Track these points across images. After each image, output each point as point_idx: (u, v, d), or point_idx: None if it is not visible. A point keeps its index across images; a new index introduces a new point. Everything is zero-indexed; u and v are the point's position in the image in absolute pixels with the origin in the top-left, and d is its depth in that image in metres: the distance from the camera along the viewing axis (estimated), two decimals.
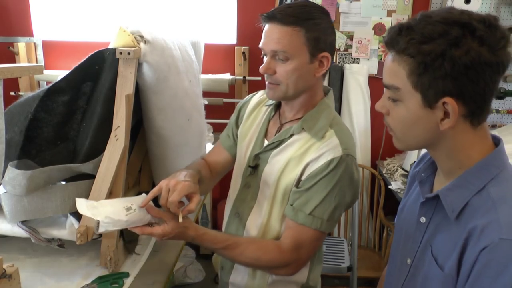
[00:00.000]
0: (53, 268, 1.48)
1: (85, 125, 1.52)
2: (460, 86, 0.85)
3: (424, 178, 1.08)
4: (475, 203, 0.90)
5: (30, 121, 1.46)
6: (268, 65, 1.27)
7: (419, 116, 0.91)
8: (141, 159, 1.87)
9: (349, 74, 2.93)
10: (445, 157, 0.96)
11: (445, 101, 0.87)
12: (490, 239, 0.82)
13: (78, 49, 3.08)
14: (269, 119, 1.44)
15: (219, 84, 2.88)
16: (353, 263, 2.35)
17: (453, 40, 0.83)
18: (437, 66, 0.84)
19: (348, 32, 2.96)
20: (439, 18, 0.86)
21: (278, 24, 1.23)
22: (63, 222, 1.49)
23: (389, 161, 2.97)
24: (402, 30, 0.89)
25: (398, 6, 2.89)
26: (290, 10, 1.24)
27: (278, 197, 1.34)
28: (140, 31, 1.52)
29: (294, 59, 1.24)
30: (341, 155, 1.25)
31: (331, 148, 1.27)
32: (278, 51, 1.24)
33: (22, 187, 1.36)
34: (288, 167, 1.32)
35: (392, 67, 0.92)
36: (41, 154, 1.47)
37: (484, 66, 0.83)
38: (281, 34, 1.23)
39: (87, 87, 1.53)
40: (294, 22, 1.22)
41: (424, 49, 0.85)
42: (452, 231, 0.93)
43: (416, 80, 0.88)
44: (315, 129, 1.31)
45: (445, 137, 0.92)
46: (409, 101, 0.91)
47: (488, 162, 0.91)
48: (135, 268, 1.50)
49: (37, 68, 1.42)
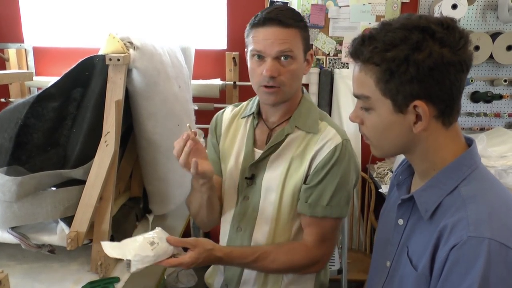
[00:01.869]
0: (44, 274, 1.48)
1: (75, 131, 1.52)
2: (427, 88, 0.87)
3: (401, 180, 1.11)
4: (447, 203, 0.92)
5: (20, 127, 1.46)
6: (273, 67, 1.26)
7: (392, 121, 0.93)
8: (132, 164, 1.87)
9: (339, 79, 2.95)
10: (420, 159, 0.98)
11: (415, 105, 0.88)
12: (459, 237, 0.84)
13: (69, 55, 3.08)
14: (253, 128, 1.43)
15: (210, 90, 2.89)
16: (343, 266, 2.36)
17: (414, 45, 0.85)
18: (402, 71, 0.86)
19: (338, 37, 2.99)
20: (399, 24, 0.88)
21: (280, 26, 1.25)
22: (53, 227, 1.49)
23: (379, 165, 2.99)
24: (365, 40, 0.91)
25: (387, 12, 2.92)
26: (286, 12, 1.27)
27: (286, 199, 1.35)
28: (129, 38, 1.53)
29: (296, 59, 1.28)
30: (341, 141, 1.32)
31: (330, 137, 1.32)
32: (285, 52, 1.25)
33: (12, 193, 1.36)
34: (293, 167, 1.34)
35: (359, 77, 0.94)
36: (31, 160, 1.47)
37: (447, 66, 0.86)
38: (285, 35, 1.25)
39: (77, 93, 1.54)
40: (293, 24, 1.26)
41: (387, 56, 0.87)
42: (425, 231, 0.95)
43: (384, 87, 0.90)
44: (307, 124, 1.35)
45: (420, 140, 0.94)
46: (381, 109, 0.93)
47: (460, 163, 0.93)
48: (126, 273, 1.50)
49: (27, 74, 1.43)
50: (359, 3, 2.93)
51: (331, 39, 2.99)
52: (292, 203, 1.35)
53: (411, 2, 2.90)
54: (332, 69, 3.01)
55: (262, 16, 1.26)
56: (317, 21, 2.95)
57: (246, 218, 1.41)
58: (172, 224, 1.94)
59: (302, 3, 2.93)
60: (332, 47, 3.00)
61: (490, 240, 0.81)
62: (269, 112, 1.40)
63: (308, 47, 1.34)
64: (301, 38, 1.29)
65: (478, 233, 0.82)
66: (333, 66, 3.03)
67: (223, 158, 1.48)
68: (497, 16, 2.85)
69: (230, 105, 1.55)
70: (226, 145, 1.47)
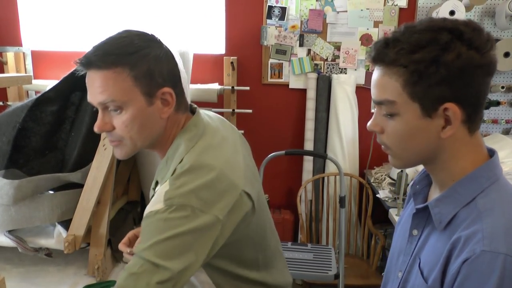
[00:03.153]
0: (40, 278, 1.47)
1: (73, 134, 1.53)
2: (456, 91, 0.84)
3: (418, 189, 1.06)
4: (463, 215, 0.88)
5: (18, 130, 1.46)
6: (102, 121, 1.02)
7: (419, 127, 0.88)
8: (130, 168, 1.87)
9: (337, 84, 2.96)
10: (440, 169, 0.93)
11: (446, 107, 0.85)
12: (472, 251, 0.80)
13: (67, 59, 3.06)
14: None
15: (208, 94, 2.90)
16: (340, 271, 2.36)
17: (444, 45, 0.82)
18: (431, 72, 0.83)
19: (335, 42, 3.00)
20: (424, 26, 0.86)
21: (97, 70, 0.99)
22: (50, 231, 1.49)
23: (377, 170, 2.99)
24: (389, 43, 0.87)
25: (385, 17, 2.93)
26: (107, 47, 1.01)
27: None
28: None
29: (130, 107, 1.01)
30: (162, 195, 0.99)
31: (159, 189, 1.04)
32: (106, 103, 1.00)
33: (9, 196, 1.36)
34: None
35: (382, 81, 0.89)
36: (29, 164, 1.47)
37: (475, 68, 0.83)
38: (102, 81, 0.99)
39: (75, 97, 1.55)
40: (113, 63, 0.98)
41: (415, 57, 0.84)
42: (438, 243, 0.91)
43: (412, 90, 0.86)
44: (165, 177, 1.07)
45: (444, 148, 0.90)
46: (407, 113, 0.88)
47: (479, 174, 0.89)
48: None
49: (26, 78, 1.43)
50: (357, 9, 2.94)
51: (329, 44, 3.00)
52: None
53: (409, 8, 2.91)
54: (330, 74, 3.02)
55: (81, 58, 1.02)
56: (315, 26, 2.96)
57: None
58: None
59: (300, 8, 2.94)
60: (330, 52, 3.01)
61: (506, 256, 0.78)
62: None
63: (159, 84, 1.03)
64: (130, 78, 0.99)
65: (493, 248, 0.79)
66: (331, 71, 3.03)
67: None
68: (494, 23, 2.87)
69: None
70: None
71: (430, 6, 2.88)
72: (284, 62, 3.01)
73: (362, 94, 3.04)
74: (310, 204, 3.08)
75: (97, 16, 3.05)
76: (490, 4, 2.84)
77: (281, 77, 3.04)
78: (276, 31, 2.95)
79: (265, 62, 3.00)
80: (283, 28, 2.95)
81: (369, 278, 2.67)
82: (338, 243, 2.51)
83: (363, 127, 3.07)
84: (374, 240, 2.85)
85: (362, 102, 3.04)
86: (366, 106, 3.07)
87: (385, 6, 2.92)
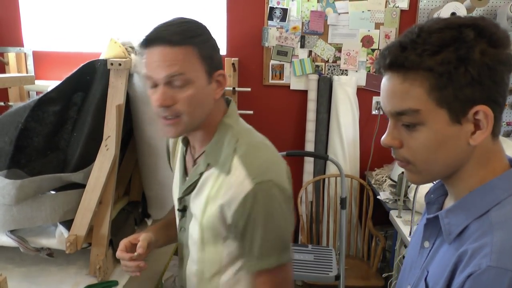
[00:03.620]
0: (42, 277, 1.48)
1: (75, 135, 1.53)
2: (487, 91, 0.77)
3: (433, 199, 0.97)
4: (474, 227, 0.80)
5: (20, 131, 1.46)
6: (164, 95, 1.06)
7: (448, 135, 0.80)
8: (131, 169, 1.88)
9: (338, 86, 2.96)
10: (459, 179, 0.85)
11: (477, 110, 0.77)
12: (478, 265, 0.73)
13: (69, 59, 3.08)
14: (184, 155, 1.27)
15: None
16: (341, 272, 2.36)
17: (470, 43, 0.75)
18: (461, 73, 0.75)
19: (337, 44, 3.00)
20: (442, 25, 0.78)
21: (165, 45, 1.05)
22: (52, 231, 1.49)
23: (377, 172, 3.00)
24: (406, 46, 0.78)
25: (386, 19, 2.94)
26: (173, 28, 1.08)
27: (207, 239, 1.20)
28: (130, 42, 1.54)
29: (194, 83, 1.07)
30: (251, 188, 1.07)
31: (238, 184, 1.09)
32: (174, 75, 1.05)
33: (11, 196, 1.36)
34: (208, 209, 1.16)
35: (402, 89, 0.80)
36: (31, 164, 1.48)
37: (501, 65, 0.77)
38: (173, 56, 1.04)
39: (78, 98, 1.55)
40: (183, 41, 1.06)
41: (441, 58, 0.76)
42: (446, 255, 0.85)
43: (440, 95, 0.77)
44: (220, 161, 1.13)
45: (469, 156, 0.82)
46: (433, 121, 0.79)
47: (496, 185, 0.81)
48: (124, 277, 1.50)
49: (29, 78, 1.44)
50: (358, 10, 2.94)
51: (330, 45, 3.00)
52: (216, 245, 1.19)
53: (410, 10, 2.92)
54: (331, 75, 3.03)
55: (146, 37, 1.08)
56: (317, 27, 2.97)
57: (184, 249, 1.29)
58: None
59: (302, 9, 2.95)
60: (331, 53, 3.01)
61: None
62: (191, 138, 1.23)
63: (216, 66, 1.12)
64: (198, 57, 1.07)
65: (501, 264, 0.72)
66: (332, 72, 3.04)
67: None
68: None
69: None
70: (173, 167, 1.37)
71: (431, 8, 2.89)
72: (285, 63, 3.01)
73: (363, 95, 3.04)
74: (310, 205, 3.08)
75: (98, 16, 3.06)
76: (492, 7, 2.85)
77: (282, 79, 3.04)
78: (277, 32, 2.95)
79: (266, 63, 3.01)
80: (284, 30, 2.96)
81: (370, 279, 2.68)
82: (338, 244, 2.51)
83: (364, 129, 3.08)
84: (374, 242, 2.86)
85: (363, 104, 3.04)
86: (367, 108, 3.08)
87: (386, 8, 2.92)
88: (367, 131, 3.09)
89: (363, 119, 3.06)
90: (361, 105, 3.03)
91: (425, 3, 2.89)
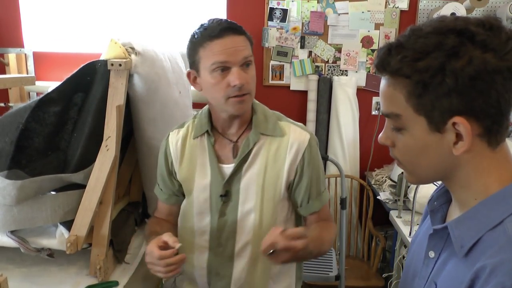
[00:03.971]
0: (42, 278, 1.48)
1: (76, 135, 1.53)
2: (468, 102, 0.73)
3: (436, 207, 0.94)
4: (488, 239, 0.76)
5: (21, 131, 1.47)
6: (241, 74, 1.25)
7: (427, 143, 0.79)
8: (132, 169, 1.88)
9: (338, 86, 2.97)
10: (460, 186, 0.83)
11: (454, 122, 0.75)
12: (500, 284, 0.69)
13: (69, 60, 3.08)
14: (212, 145, 1.37)
15: None
16: (341, 272, 2.37)
17: (450, 51, 0.72)
18: (437, 82, 0.73)
19: (337, 44, 3.01)
20: (431, 29, 0.76)
21: (236, 34, 1.26)
22: (53, 231, 1.50)
23: (377, 172, 3.00)
24: (392, 49, 0.78)
25: (386, 19, 2.94)
26: (232, 23, 1.28)
27: (267, 204, 1.35)
28: (131, 43, 1.54)
29: (253, 63, 1.31)
30: (310, 135, 1.37)
31: (298, 137, 1.36)
32: (248, 57, 1.27)
33: (12, 197, 1.36)
34: (268, 173, 1.35)
35: (387, 92, 0.81)
36: (32, 164, 1.48)
37: (492, 74, 0.72)
38: (243, 42, 1.27)
39: (78, 98, 1.55)
40: (244, 32, 1.29)
41: (419, 66, 0.74)
42: (459, 269, 0.80)
43: (417, 103, 0.77)
44: (270, 128, 1.36)
45: (460, 164, 0.80)
46: (414, 128, 0.80)
47: (508, 193, 0.78)
48: (124, 277, 1.50)
49: (29, 79, 1.44)
50: (358, 11, 2.95)
51: (330, 46, 3.01)
52: (274, 207, 1.35)
53: (410, 10, 2.92)
54: (331, 76, 3.03)
55: (217, 28, 1.24)
56: (316, 28, 2.97)
57: (225, 234, 1.38)
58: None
59: (302, 10, 2.95)
60: (331, 54, 3.02)
61: None
62: (226, 125, 1.37)
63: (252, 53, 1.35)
64: (250, 44, 1.31)
65: None
66: (332, 73, 3.04)
67: (186, 183, 1.42)
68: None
69: (173, 129, 1.47)
70: (186, 170, 1.41)
71: (431, 8, 2.89)
72: (285, 63, 3.02)
73: (363, 96, 3.04)
74: None
75: (98, 17, 3.06)
76: (491, 7, 2.85)
77: (282, 79, 3.04)
78: (278, 33, 2.95)
79: (266, 64, 3.01)
80: (284, 30, 2.96)
81: (370, 279, 2.68)
82: (339, 244, 2.51)
83: (364, 129, 3.08)
84: (374, 242, 2.86)
85: (363, 104, 3.04)
86: (367, 108, 3.08)
87: (386, 8, 2.93)
88: (367, 132, 3.10)
89: (363, 119, 3.06)
90: (361, 106, 3.04)
91: (424, 4, 2.89)
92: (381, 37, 2.96)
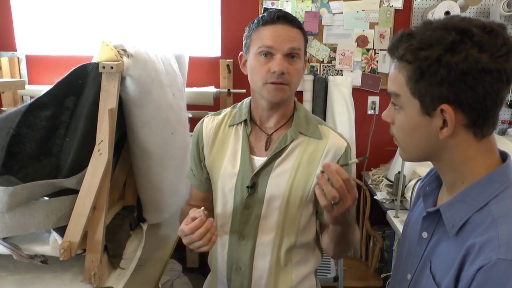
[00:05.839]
0: (36, 285, 1.46)
1: (68, 140, 1.51)
2: (457, 93, 0.83)
3: (428, 192, 1.06)
4: (476, 220, 0.87)
5: (12, 136, 1.44)
6: (282, 62, 1.25)
7: (418, 123, 0.90)
8: (126, 173, 1.86)
9: (333, 86, 2.96)
10: (448, 169, 0.94)
11: (442, 108, 0.85)
12: (488, 258, 0.78)
13: (62, 63, 3.06)
14: (247, 135, 1.38)
15: (204, 97, 2.89)
16: (339, 273, 2.35)
17: (449, 45, 0.82)
18: (433, 71, 0.83)
19: (332, 44, 3.00)
20: (439, 24, 0.86)
21: (290, 25, 1.27)
22: (46, 238, 1.47)
23: (374, 172, 2.99)
24: (403, 37, 0.89)
25: (380, 19, 2.93)
26: (290, 14, 1.30)
27: (292, 204, 1.34)
28: (123, 45, 1.52)
29: (301, 59, 1.30)
30: (346, 146, 1.38)
31: (336, 143, 1.37)
32: (295, 49, 1.26)
33: (3, 203, 1.34)
34: (300, 173, 1.33)
35: (393, 74, 0.92)
36: (24, 170, 1.45)
37: (483, 73, 0.81)
38: (295, 34, 1.27)
39: (70, 102, 1.53)
40: (299, 25, 1.30)
41: (421, 55, 0.84)
42: (451, 248, 0.91)
43: (414, 87, 0.88)
44: (310, 130, 1.37)
45: (447, 148, 0.90)
46: (408, 108, 0.91)
47: (492, 178, 0.88)
48: (120, 282, 1.49)
49: (19, 83, 1.42)
50: (353, 10, 2.94)
51: (325, 46, 2.99)
52: (300, 207, 1.34)
53: (404, 9, 2.92)
54: (326, 76, 3.02)
55: (273, 14, 1.28)
56: (311, 28, 2.96)
57: (248, 226, 1.37)
58: (166, 233, 1.92)
59: (296, 10, 2.94)
60: (326, 54, 3.00)
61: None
62: (265, 117, 1.37)
63: (306, 52, 1.35)
64: (304, 40, 1.31)
65: (509, 256, 0.77)
66: (327, 73, 3.03)
67: (213, 169, 1.42)
68: None
69: (209, 115, 1.47)
70: (215, 156, 1.41)
71: (426, 7, 2.89)
72: None
73: (359, 95, 3.04)
74: None
75: (91, 20, 3.04)
76: (485, 5, 2.85)
77: None
78: None
79: None
80: None
81: (368, 280, 2.66)
82: None
83: (360, 129, 3.07)
84: (372, 242, 2.85)
85: (358, 104, 3.04)
86: (363, 108, 3.07)
87: (380, 7, 2.92)
88: (363, 131, 3.09)
89: (359, 119, 3.05)
90: (357, 105, 3.03)
91: (419, 2, 2.89)
92: (376, 37, 2.95)
